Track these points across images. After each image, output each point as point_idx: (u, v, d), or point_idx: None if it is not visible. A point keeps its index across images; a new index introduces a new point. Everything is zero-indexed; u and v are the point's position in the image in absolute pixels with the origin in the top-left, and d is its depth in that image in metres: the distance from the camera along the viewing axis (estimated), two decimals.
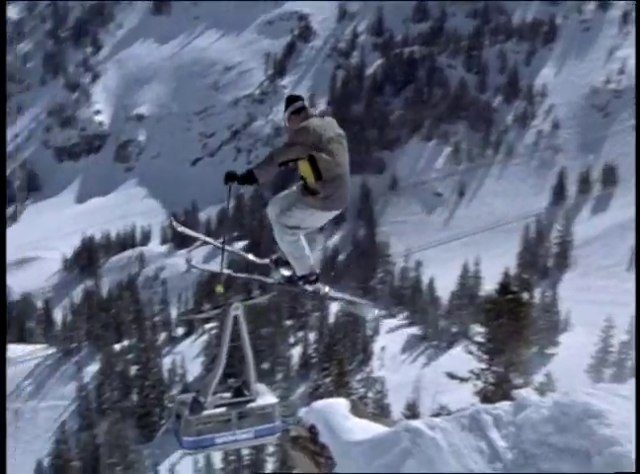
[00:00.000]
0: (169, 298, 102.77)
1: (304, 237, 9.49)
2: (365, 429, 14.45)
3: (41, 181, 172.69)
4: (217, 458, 59.66)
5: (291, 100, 9.26)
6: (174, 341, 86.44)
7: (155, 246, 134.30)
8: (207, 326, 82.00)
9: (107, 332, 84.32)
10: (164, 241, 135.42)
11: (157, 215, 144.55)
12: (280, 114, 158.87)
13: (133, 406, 74.08)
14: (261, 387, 14.72)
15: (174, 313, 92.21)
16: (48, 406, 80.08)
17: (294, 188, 9.42)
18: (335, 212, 9.34)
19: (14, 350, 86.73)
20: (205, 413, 12.65)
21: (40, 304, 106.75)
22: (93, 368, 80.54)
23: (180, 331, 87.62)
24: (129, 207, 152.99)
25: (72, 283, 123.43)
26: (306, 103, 9.11)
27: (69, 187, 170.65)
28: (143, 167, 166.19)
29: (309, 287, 10.15)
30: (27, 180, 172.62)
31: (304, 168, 8.90)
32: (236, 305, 12.61)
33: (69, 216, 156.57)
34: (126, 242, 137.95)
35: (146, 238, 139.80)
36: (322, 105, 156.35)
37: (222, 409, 12.69)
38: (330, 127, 8.95)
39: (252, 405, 12.90)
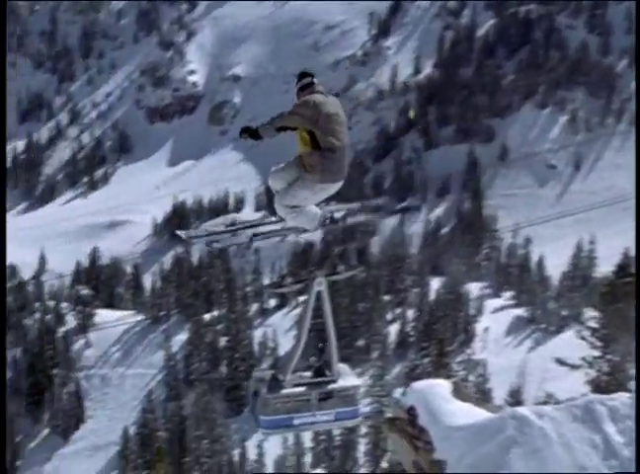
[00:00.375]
0: (262, 268, 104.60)
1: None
2: (468, 413, 14.40)
3: (133, 142, 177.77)
4: (307, 437, 60.78)
5: (301, 76, 10.09)
6: (266, 313, 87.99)
7: (249, 213, 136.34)
8: (301, 298, 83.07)
9: (196, 301, 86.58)
10: (258, 208, 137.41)
11: (251, 181, 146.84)
12: (383, 76, 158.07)
13: (222, 378, 76.13)
14: (343, 368, 14.82)
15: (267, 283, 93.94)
16: (136, 374, 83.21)
17: (293, 161, 10.16)
18: (334, 185, 9.99)
19: (102, 315, 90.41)
20: (284, 392, 12.80)
21: (129, 269, 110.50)
22: (181, 338, 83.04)
23: (272, 302, 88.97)
24: (223, 172, 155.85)
25: (162, 249, 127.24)
26: (315, 80, 9.89)
27: (161, 149, 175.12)
28: (238, 130, 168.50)
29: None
30: (118, 141, 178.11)
31: (303, 137, 9.79)
32: (319, 280, 12.67)
33: (161, 180, 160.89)
34: (219, 208, 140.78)
35: (240, 205, 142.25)
36: (428, 68, 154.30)
37: (302, 388, 12.82)
38: (332, 105, 9.67)
39: (333, 386, 13.00)
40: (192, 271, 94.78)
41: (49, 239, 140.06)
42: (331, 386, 13.13)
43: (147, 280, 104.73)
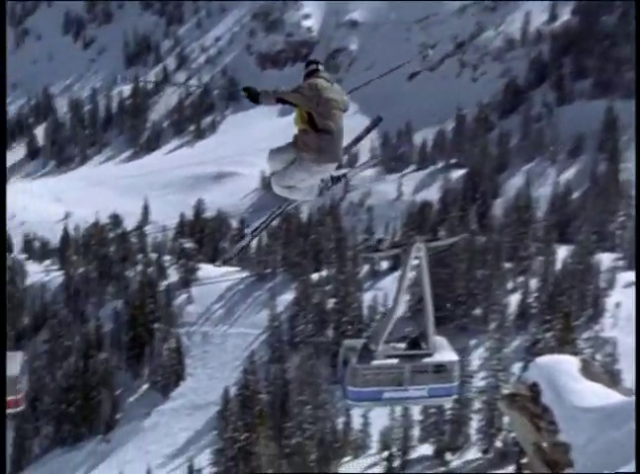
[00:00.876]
0: (374, 228, 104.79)
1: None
2: (598, 394, 14.03)
3: None
4: (416, 409, 60.94)
5: (308, 63, 11.51)
6: (377, 275, 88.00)
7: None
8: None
9: (304, 259, 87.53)
10: (373, 164, 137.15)
11: None
12: (514, 24, 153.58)
13: (328, 342, 76.96)
14: (441, 341, 14.61)
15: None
16: (238, 333, 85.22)
17: (290, 143, 11.20)
18: (328, 166, 11.01)
19: (206, 270, 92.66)
20: (375, 363, 12.72)
21: (234, 224, 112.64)
22: (287, 297, 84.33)
23: (384, 265, 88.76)
24: None
25: (270, 204, 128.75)
26: (321, 67, 11.22)
27: None
28: (354, 79, 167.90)
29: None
30: (227, 88, 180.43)
31: (301, 115, 10.84)
32: (418, 246, 12.45)
33: (271, 130, 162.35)
34: None
35: (353, 159, 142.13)
36: (565, 15, 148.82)
37: (394, 360, 12.69)
38: (333, 91, 10.91)
39: (429, 360, 12.82)
40: (300, 227, 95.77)
41: (153, 189, 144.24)
42: (426, 360, 13.01)
43: None
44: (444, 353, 13.71)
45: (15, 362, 22.36)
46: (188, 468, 60.50)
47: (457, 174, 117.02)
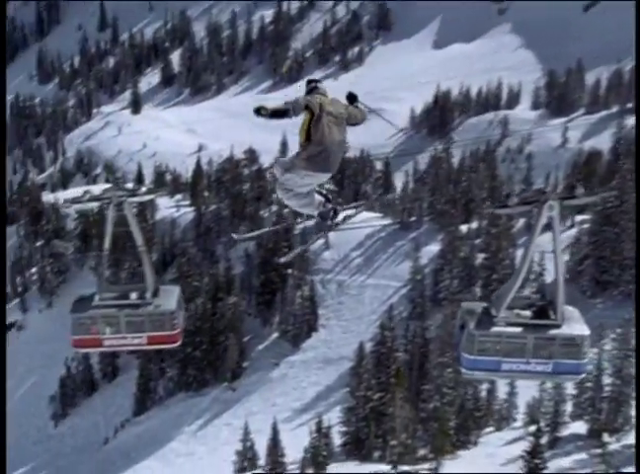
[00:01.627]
0: (533, 177, 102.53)
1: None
2: None
3: (394, 18, 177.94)
4: (569, 383, 59.61)
5: (308, 82, 13.42)
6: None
7: (524, 111, 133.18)
8: (579, 218, 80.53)
9: (453, 209, 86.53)
10: (536, 106, 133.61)
11: (531, 72, 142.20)
12: None
13: (475, 300, 76.18)
14: (572, 311, 13.86)
15: None
16: (377, 284, 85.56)
17: (294, 154, 13.24)
18: (318, 175, 12.97)
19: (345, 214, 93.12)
20: (495, 329, 12.25)
21: (378, 166, 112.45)
22: (432, 249, 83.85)
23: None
24: (497, 59, 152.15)
25: (418, 145, 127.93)
26: (320, 84, 13.12)
27: (426, 28, 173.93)
28: (521, 9, 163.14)
29: (334, 219, 14.41)
30: (377, 16, 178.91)
31: (301, 129, 12.92)
32: (551, 204, 11.82)
33: (423, 63, 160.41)
34: (489, 102, 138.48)
35: (514, 99, 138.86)
36: None
37: (517, 329, 12.17)
38: (333, 106, 12.85)
39: (556, 332, 12.21)
40: (451, 173, 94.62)
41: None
42: (553, 332, 12.43)
43: (398, 180, 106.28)
44: (575, 325, 13.16)
45: (172, 297, 23.25)
46: (316, 425, 61.46)
47: (633, 120, 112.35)
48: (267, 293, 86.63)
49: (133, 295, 22.88)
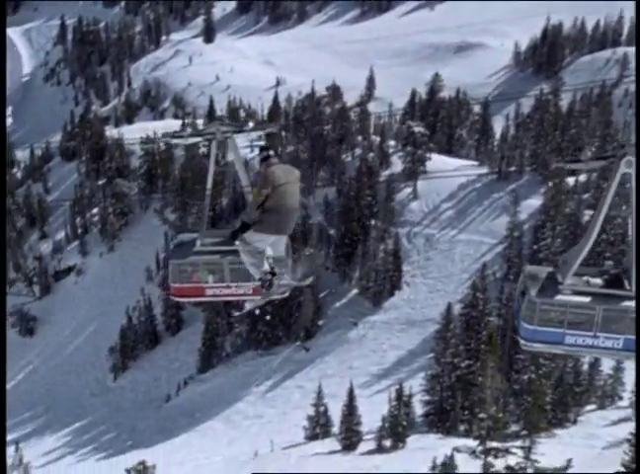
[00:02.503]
0: None
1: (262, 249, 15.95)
2: None
3: None
4: None
5: (261, 149, 15.80)
6: None
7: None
8: None
9: (559, 157, 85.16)
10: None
11: None
12: None
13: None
14: None
15: None
16: (469, 240, 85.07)
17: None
18: (268, 236, 15.49)
19: (436, 161, 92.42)
20: (559, 298, 12.02)
21: (476, 108, 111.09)
22: (533, 203, 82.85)
23: None
24: None
25: (522, 85, 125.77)
26: (271, 152, 15.55)
27: None
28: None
29: (268, 289, 16.53)
30: None
31: (257, 192, 15.25)
32: (629, 160, 11.52)
33: None
34: (606, 37, 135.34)
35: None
36: None
37: (585, 299, 11.92)
38: (285, 173, 15.12)
39: (629, 304, 11.91)
40: (558, 119, 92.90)
41: (381, 58, 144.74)
42: (626, 304, 12.16)
43: (498, 124, 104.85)
44: None
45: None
46: (396, 392, 61.63)
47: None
48: (347, 246, 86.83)
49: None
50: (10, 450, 54.13)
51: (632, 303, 12.17)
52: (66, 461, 78.02)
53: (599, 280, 13.25)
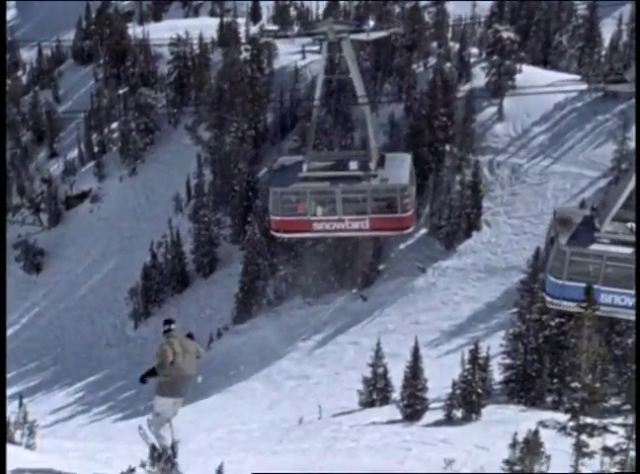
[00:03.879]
0: None
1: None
2: None
3: None
4: None
5: (165, 322, 19.21)
6: None
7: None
8: None
9: None
10: None
11: None
12: None
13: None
14: None
15: None
16: (565, 172, 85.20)
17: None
18: (173, 399, 18.95)
19: (529, 74, 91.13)
20: (593, 247, 12.00)
21: (580, 10, 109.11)
22: None
23: None
24: None
25: None
26: (173, 326, 18.91)
27: None
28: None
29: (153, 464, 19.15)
30: None
31: (159, 358, 18.90)
32: None
33: None
34: None
35: None
36: None
37: (626, 249, 11.85)
38: (182, 345, 18.70)
39: None
40: None
41: None
42: None
43: (607, 29, 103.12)
44: None
45: (402, 167, 22.98)
46: (470, 353, 61.51)
47: None
48: (415, 176, 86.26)
49: (353, 165, 22.57)
50: (12, 406, 54.89)
51: None
52: (77, 421, 79.50)
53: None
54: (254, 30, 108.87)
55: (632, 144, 79.69)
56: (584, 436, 45.47)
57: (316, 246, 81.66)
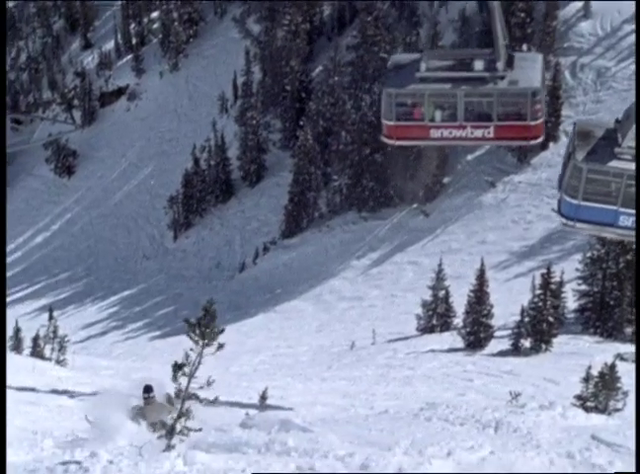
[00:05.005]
0: None
1: None
2: None
3: None
4: None
5: (145, 389, 21.51)
6: None
7: None
8: None
9: None
10: None
11: None
12: None
13: None
14: None
15: None
16: None
17: None
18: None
19: None
20: (613, 164, 12.06)
21: None
22: None
23: None
24: None
25: None
26: (153, 394, 21.49)
27: None
28: None
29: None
30: None
31: None
32: None
33: None
34: None
35: None
36: None
37: None
38: (158, 414, 20.65)
39: None
40: None
41: None
42: None
43: None
44: None
45: (533, 69, 22.75)
46: (542, 277, 60.85)
47: None
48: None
49: (478, 64, 22.34)
50: (42, 318, 55.84)
51: None
52: (111, 338, 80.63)
53: None
54: None
55: None
56: None
57: (374, 154, 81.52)
